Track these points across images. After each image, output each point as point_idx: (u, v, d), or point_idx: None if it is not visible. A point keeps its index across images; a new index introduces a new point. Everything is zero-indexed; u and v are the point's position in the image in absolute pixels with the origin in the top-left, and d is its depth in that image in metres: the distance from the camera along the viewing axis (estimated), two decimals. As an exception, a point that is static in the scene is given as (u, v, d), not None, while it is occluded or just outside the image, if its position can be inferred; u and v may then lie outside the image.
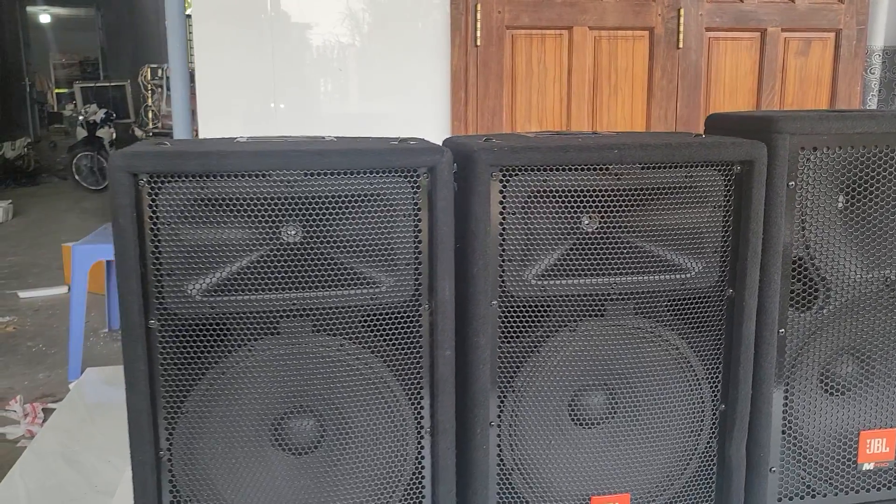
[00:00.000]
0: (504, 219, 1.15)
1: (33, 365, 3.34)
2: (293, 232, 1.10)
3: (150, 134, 5.28)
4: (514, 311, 1.18)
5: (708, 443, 1.30)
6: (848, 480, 1.35)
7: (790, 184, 1.23)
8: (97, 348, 3.55)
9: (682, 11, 2.93)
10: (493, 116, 2.90)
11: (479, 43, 2.84)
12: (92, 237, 3.39)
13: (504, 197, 1.14)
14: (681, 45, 2.96)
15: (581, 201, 1.16)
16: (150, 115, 5.15)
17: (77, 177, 8.38)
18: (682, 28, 2.95)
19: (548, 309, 1.19)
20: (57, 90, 13.17)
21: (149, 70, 5.14)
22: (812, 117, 1.23)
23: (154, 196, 1.04)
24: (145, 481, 1.07)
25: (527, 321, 1.19)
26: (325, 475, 1.16)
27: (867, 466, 1.35)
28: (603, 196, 1.16)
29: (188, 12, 2.68)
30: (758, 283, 1.24)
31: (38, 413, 2.77)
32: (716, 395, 1.28)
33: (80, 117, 8.83)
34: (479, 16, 2.82)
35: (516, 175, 1.14)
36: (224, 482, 1.12)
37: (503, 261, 1.16)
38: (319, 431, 1.16)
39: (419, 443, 1.18)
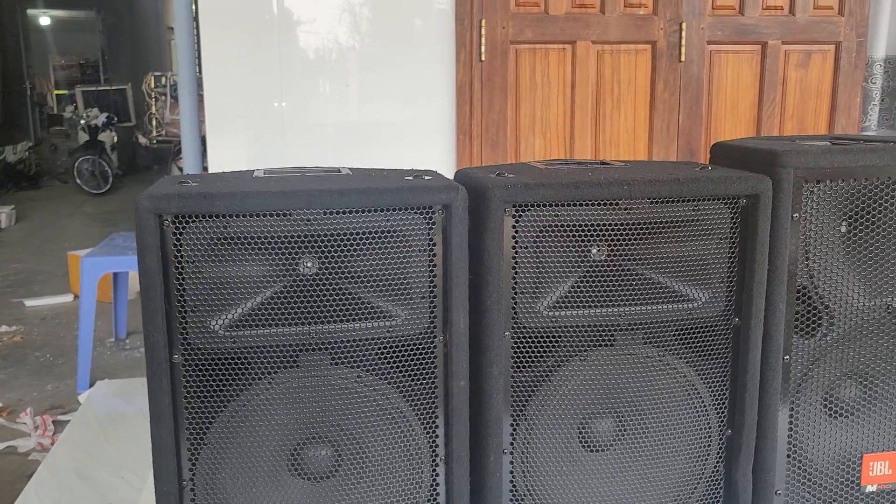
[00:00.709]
0: (516, 252, 1.18)
1: (42, 376, 3.37)
2: (311, 265, 1.13)
3: (154, 142, 5.31)
4: (527, 342, 1.21)
5: (715, 467, 1.33)
6: (851, 502, 1.38)
7: (794, 215, 1.26)
8: (104, 358, 3.58)
9: (683, 25, 2.96)
10: (498, 129, 2.93)
11: (483, 58, 2.87)
12: (99, 248, 3.42)
13: (517, 231, 1.18)
14: (683, 59, 2.99)
15: (591, 234, 1.20)
16: (153, 122, 5.17)
17: (79, 180, 8.40)
18: (683, 41, 2.98)
19: (559, 339, 1.23)
20: (56, 91, 13.18)
21: (152, 78, 5.16)
22: (815, 151, 1.26)
23: (179, 235, 1.07)
24: (170, 511, 1.11)
25: (539, 351, 1.22)
26: (341, 502, 1.19)
27: (870, 488, 1.38)
28: (613, 229, 1.20)
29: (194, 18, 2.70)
30: (763, 311, 1.27)
31: (49, 425, 2.80)
32: (722, 421, 1.32)
33: (82, 121, 8.86)
34: (483, 31, 2.85)
35: (528, 210, 1.17)
36: (246, 511, 1.15)
37: (516, 293, 1.19)
38: (336, 459, 1.19)
39: (434, 470, 1.22)
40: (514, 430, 1.23)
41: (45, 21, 13.81)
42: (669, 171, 1.26)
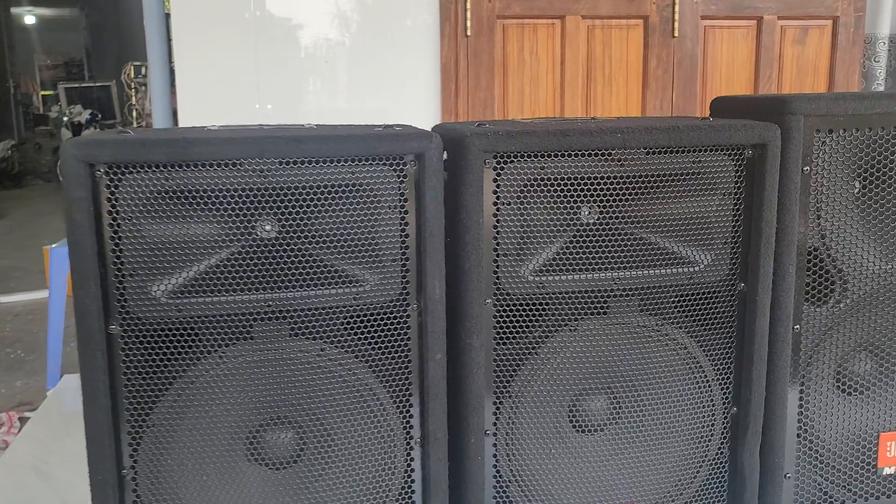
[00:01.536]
0: (498, 210, 1.06)
1: (11, 372, 3.23)
2: (268, 227, 1.00)
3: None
4: (510, 310, 1.09)
5: (719, 448, 1.21)
6: (867, 486, 1.27)
7: (805, 169, 1.14)
8: (76, 353, 3.44)
9: (676, -1, 2.85)
10: (485, 108, 2.81)
11: (469, 33, 2.75)
12: (71, 239, 3.28)
13: (498, 186, 1.05)
14: (676, 34, 2.88)
15: (582, 190, 1.07)
16: (134, 113, 5.03)
17: (61, 179, 8.24)
18: (677, 16, 2.87)
19: (546, 307, 1.10)
20: (42, 92, 13.01)
21: (132, 68, 5.01)
22: (828, 98, 1.14)
23: (114, 188, 0.95)
24: (107, 503, 0.98)
25: (524, 320, 1.10)
26: (306, 491, 1.06)
27: (888, 470, 1.27)
28: (605, 184, 1.07)
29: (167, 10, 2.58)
30: (771, 275, 1.15)
31: (15, 422, 2.66)
32: (727, 397, 1.20)
33: (65, 118, 8.69)
34: (468, 5, 2.72)
35: (511, 162, 1.05)
36: (195, 501, 1.02)
37: (498, 256, 1.07)
38: (299, 444, 1.06)
39: (408, 454, 1.09)
40: (498, 408, 1.11)
41: (30, 20, 13.62)
42: (667, 121, 1.14)
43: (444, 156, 1.08)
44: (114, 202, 0.95)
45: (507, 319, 1.09)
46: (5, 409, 2.77)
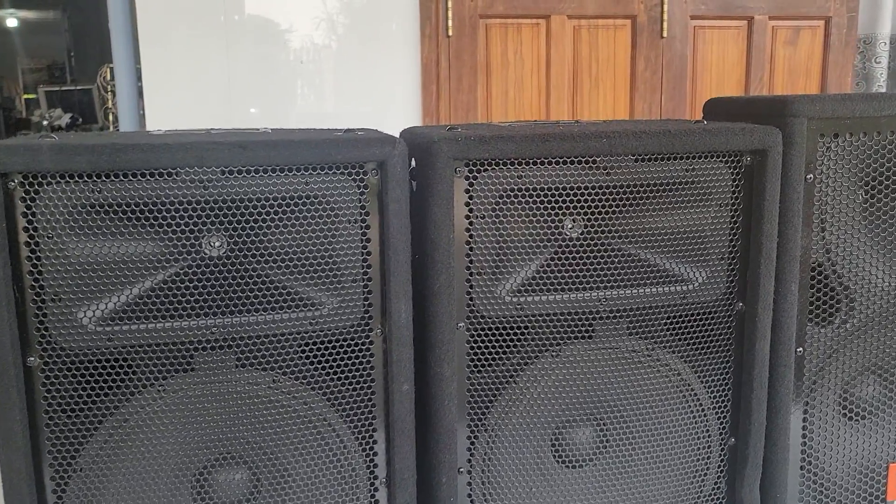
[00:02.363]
0: (471, 224, 0.95)
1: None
2: (216, 243, 0.89)
3: (109, 137, 4.99)
4: (486, 335, 0.98)
5: (716, 483, 1.10)
6: (876, 521, 1.17)
7: (808, 177, 1.04)
8: None
9: (665, -2, 2.75)
10: (468, 111, 2.70)
11: (450, 33, 2.64)
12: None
13: (471, 197, 0.94)
14: (665, 35, 2.79)
15: (564, 201, 0.97)
16: (110, 117, 4.88)
17: None
18: (665, 16, 2.77)
19: (525, 331, 0.99)
20: (25, 95, 12.81)
21: (108, 70, 4.86)
22: (833, 99, 1.04)
23: (30, 202, 0.83)
24: (26, 559, 0.86)
25: (501, 346, 0.99)
26: (259, 538, 0.95)
27: (898, 504, 1.17)
28: (589, 194, 0.97)
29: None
30: (772, 294, 1.05)
31: None
32: (724, 428, 1.09)
33: (45, 122, 8.51)
34: (449, 3, 2.62)
35: (485, 170, 0.94)
36: (130, 554, 0.91)
37: (471, 274, 0.96)
38: (252, 484, 0.95)
39: (373, 496, 0.98)
40: (472, 443, 1.00)
41: (12, 23, 13.42)
42: (657, 125, 1.04)
43: (412, 164, 0.97)
44: (30, 217, 0.83)
45: (481, 345, 0.98)
46: None
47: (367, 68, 2.63)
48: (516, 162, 0.94)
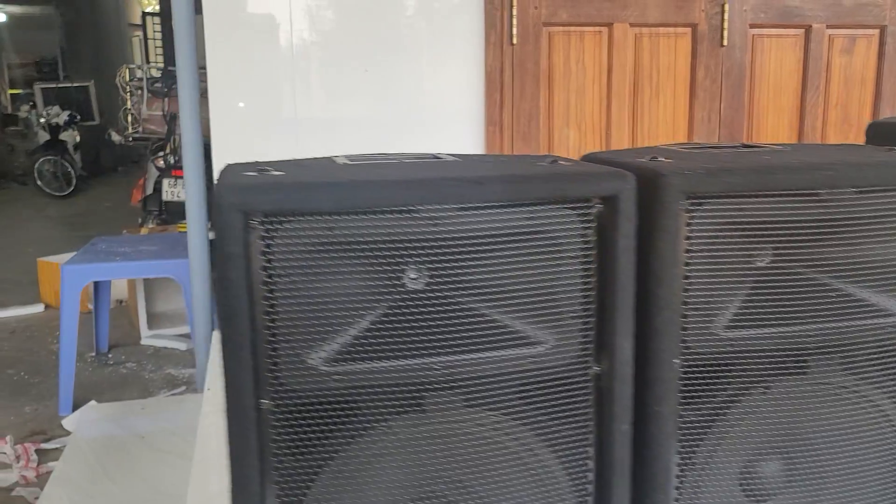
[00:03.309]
0: (690, 258, 0.93)
1: (17, 397, 3.02)
2: (417, 277, 0.86)
3: (131, 140, 4.93)
4: (698, 371, 0.96)
5: (904, 516, 1.09)
6: None
7: None
8: (85, 374, 3.24)
9: (726, 6, 2.74)
10: (530, 120, 2.68)
11: (515, 41, 2.61)
12: (81, 255, 3.07)
13: (691, 231, 0.92)
14: (725, 43, 2.78)
15: (779, 233, 0.94)
16: (129, 118, 4.80)
17: (39, 182, 7.93)
18: (726, 24, 2.76)
19: (738, 366, 0.97)
20: (11, 91, 12.57)
21: (127, 70, 4.79)
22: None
23: (270, 240, 0.79)
24: None
25: (712, 382, 0.97)
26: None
27: None
28: (808, 226, 0.95)
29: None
30: None
31: (32, 455, 2.46)
32: (916, 460, 1.08)
33: (42, 119, 8.36)
34: (514, 11, 2.59)
35: (705, 204, 0.92)
36: None
37: (687, 309, 0.94)
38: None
39: (586, 539, 0.95)
40: (681, 482, 0.98)
41: (0, 18, 13.15)
42: (868, 154, 1.02)
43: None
44: (269, 256, 0.79)
45: (693, 382, 0.96)
46: (19, 440, 2.57)
47: (430, 76, 2.59)
48: (737, 195, 0.92)
